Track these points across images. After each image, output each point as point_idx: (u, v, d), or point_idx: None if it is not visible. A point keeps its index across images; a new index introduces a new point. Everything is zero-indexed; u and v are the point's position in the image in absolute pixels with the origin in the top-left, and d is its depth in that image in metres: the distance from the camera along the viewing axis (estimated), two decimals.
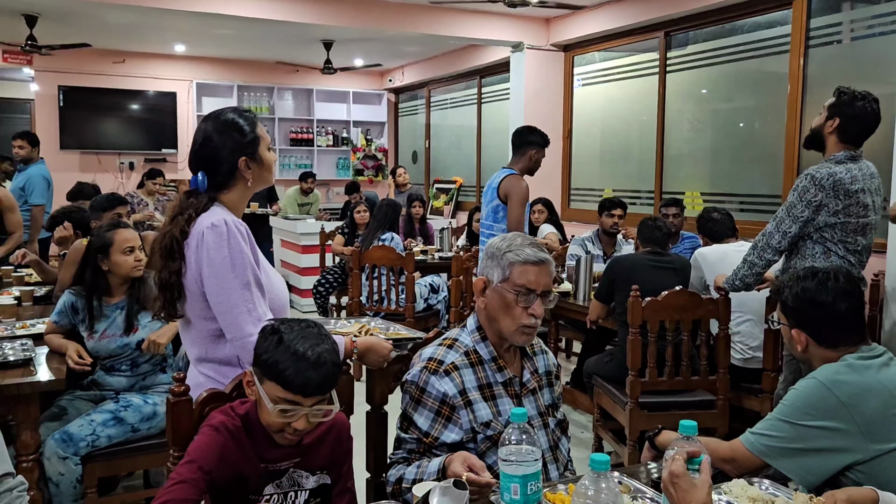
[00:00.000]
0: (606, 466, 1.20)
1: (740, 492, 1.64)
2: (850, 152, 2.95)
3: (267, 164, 1.92)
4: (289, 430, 1.56)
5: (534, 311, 1.80)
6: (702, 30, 5.56)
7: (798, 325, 1.91)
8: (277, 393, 1.54)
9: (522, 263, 1.79)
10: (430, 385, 1.80)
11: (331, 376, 1.57)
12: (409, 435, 1.81)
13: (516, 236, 1.86)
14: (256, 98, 9.49)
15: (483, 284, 1.86)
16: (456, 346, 1.88)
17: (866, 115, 2.92)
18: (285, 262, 8.30)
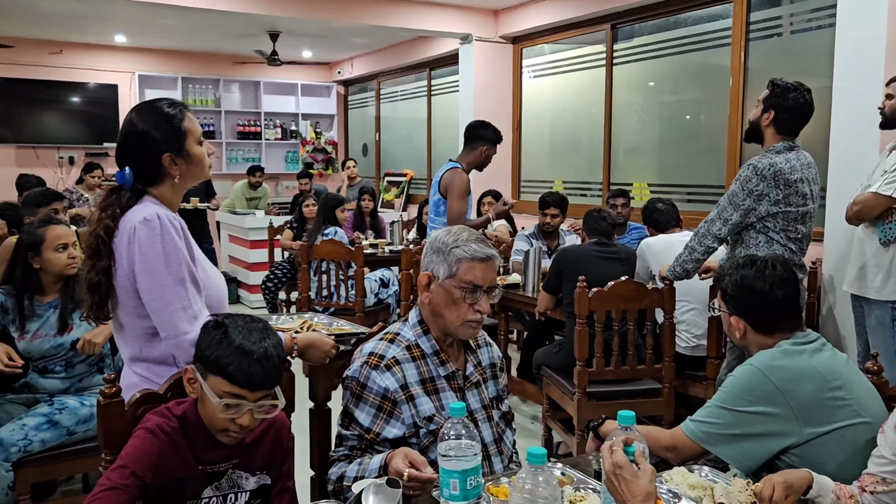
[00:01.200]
0: (543, 460, 1.20)
1: (681, 479, 1.66)
2: (788, 143, 3.03)
3: (196, 159, 1.85)
4: (233, 426, 1.52)
5: (480, 307, 1.79)
6: (647, 22, 5.62)
7: (737, 312, 1.94)
8: (222, 387, 1.50)
9: (470, 260, 1.78)
10: (370, 380, 1.78)
11: (276, 371, 1.55)
12: (350, 431, 1.79)
13: (462, 230, 1.84)
14: (202, 90, 9.29)
15: (428, 280, 1.84)
16: (397, 340, 1.86)
17: (800, 107, 3.00)
18: (233, 257, 8.16)
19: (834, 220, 3.83)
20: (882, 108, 3.24)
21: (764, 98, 3.06)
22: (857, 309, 3.36)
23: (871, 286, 3.19)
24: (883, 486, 1.62)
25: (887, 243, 3.11)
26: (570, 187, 6.44)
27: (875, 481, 1.63)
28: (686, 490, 1.62)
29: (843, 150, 3.80)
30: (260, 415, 1.55)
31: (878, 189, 3.06)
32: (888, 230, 3.10)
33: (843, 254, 3.75)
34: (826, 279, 3.91)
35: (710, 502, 1.57)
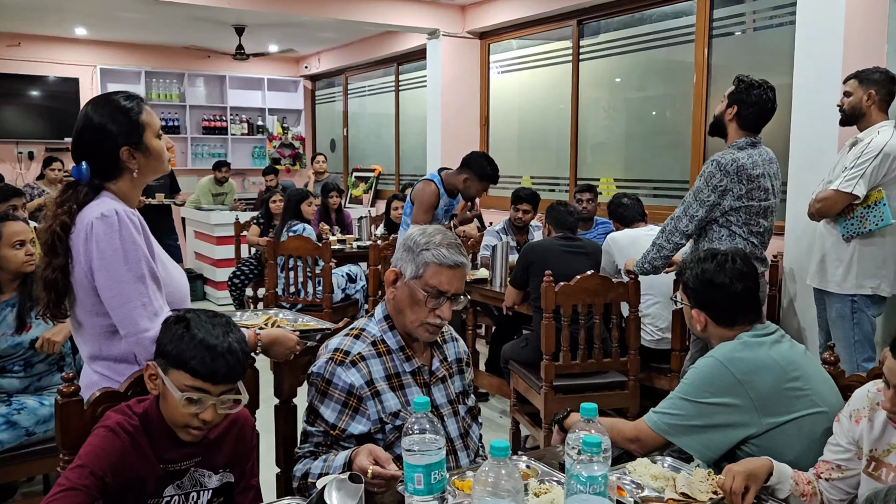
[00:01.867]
0: (506, 453, 1.20)
1: (643, 470, 1.68)
2: (750, 139, 3.08)
3: (155, 153, 1.82)
4: (195, 422, 1.51)
5: (441, 312, 1.79)
6: (613, 19, 5.66)
7: (698, 305, 1.97)
8: (185, 381, 1.49)
9: (438, 265, 1.77)
10: (336, 376, 1.77)
11: (240, 365, 1.54)
12: (315, 428, 1.78)
13: (436, 232, 1.83)
14: (166, 85, 9.14)
15: (394, 276, 1.83)
16: (363, 336, 1.86)
17: (763, 103, 3.05)
18: (199, 253, 8.06)
19: (795, 214, 3.90)
20: (841, 106, 3.30)
21: (729, 93, 3.11)
22: (819, 302, 3.43)
23: (831, 280, 3.25)
24: (838, 472, 1.66)
25: (848, 238, 3.17)
26: (538, 182, 6.46)
27: (830, 468, 1.67)
28: (649, 481, 1.64)
29: (803, 146, 3.87)
30: (223, 410, 1.53)
31: (838, 186, 3.12)
32: (849, 226, 3.17)
33: (803, 247, 3.82)
34: (787, 272, 3.99)
35: (672, 492, 1.59)
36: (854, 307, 3.19)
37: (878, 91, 3.17)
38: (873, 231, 3.12)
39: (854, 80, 3.24)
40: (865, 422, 1.62)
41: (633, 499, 1.56)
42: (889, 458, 1.56)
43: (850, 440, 1.64)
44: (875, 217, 3.10)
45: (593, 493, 1.21)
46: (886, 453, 1.57)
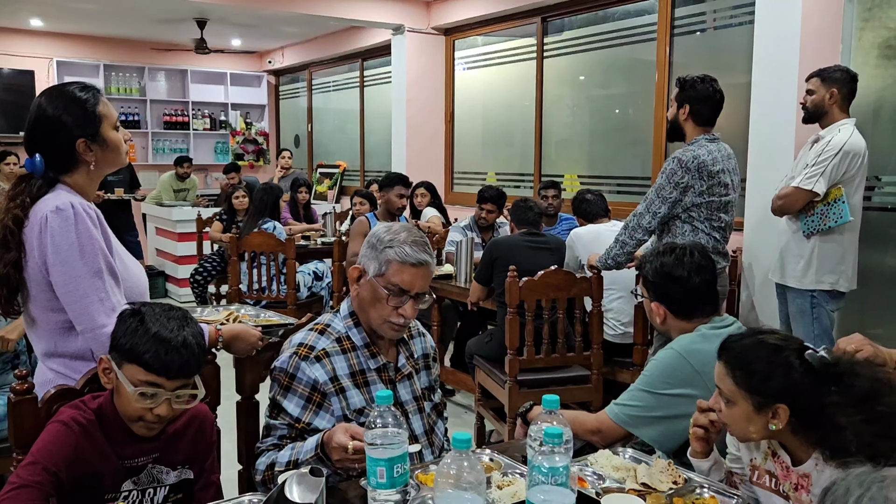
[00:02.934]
0: (469, 445, 1.20)
1: (605, 462, 1.69)
2: (709, 135, 3.14)
3: (113, 145, 1.78)
4: (149, 416, 1.48)
5: (404, 311, 1.76)
6: (577, 16, 5.70)
7: (657, 298, 2.00)
8: (138, 375, 1.46)
9: (401, 263, 1.74)
10: (300, 371, 1.75)
11: (195, 359, 1.51)
12: (279, 421, 1.76)
13: (402, 229, 1.80)
14: (125, 79, 8.96)
15: (358, 273, 1.81)
16: (328, 332, 1.84)
17: (711, 95, 3.13)
18: (161, 250, 7.94)
19: (753, 210, 3.98)
20: (804, 104, 3.34)
21: (675, 96, 3.18)
22: (781, 296, 3.50)
23: (792, 275, 3.31)
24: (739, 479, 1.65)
25: (809, 235, 3.23)
26: (503, 179, 6.49)
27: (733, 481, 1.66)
28: (610, 472, 1.66)
29: (762, 143, 3.94)
30: (179, 405, 1.51)
31: (799, 184, 3.17)
32: (810, 222, 3.22)
33: (762, 243, 3.90)
34: (746, 267, 4.06)
35: (633, 483, 1.61)
36: (814, 302, 3.26)
37: (840, 89, 3.23)
38: (833, 228, 3.18)
39: (817, 78, 3.29)
40: None
41: (595, 490, 1.58)
42: (766, 464, 1.58)
43: (737, 448, 1.67)
44: (834, 214, 3.16)
45: (555, 483, 1.22)
46: (764, 460, 1.59)
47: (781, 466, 1.54)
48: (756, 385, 1.46)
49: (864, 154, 3.19)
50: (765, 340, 1.50)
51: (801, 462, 1.49)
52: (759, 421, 1.47)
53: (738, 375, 1.48)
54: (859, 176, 3.21)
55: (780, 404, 1.44)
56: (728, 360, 1.52)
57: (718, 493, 1.58)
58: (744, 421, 1.49)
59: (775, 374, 1.45)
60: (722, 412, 1.54)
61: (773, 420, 1.46)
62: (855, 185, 3.21)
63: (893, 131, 3.67)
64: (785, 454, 1.53)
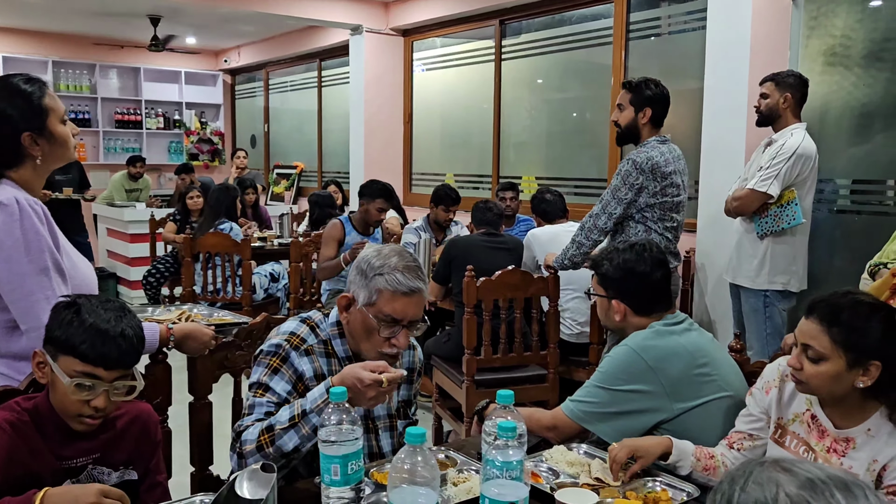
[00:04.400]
0: (422, 439, 1.20)
1: (560, 457, 1.71)
2: (661, 137, 3.19)
3: (60, 139, 1.73)
4: (87, 410, 1.44)
5: (397, 342, 1.67)
6: (534, 19, 5.75)
7: (618, 295, 2.02)
8: (74, 367, 1.42)
9: (392, 292, 1.64)
10: (291, 357, 1.70)
11: (133, 350, 1.48)
12: (265, 399, 1.66)
13: (392, 254, 1.69)
14: (75, 76, 8.74)
15: (346, 302, 1.72)
16: (317, 331, 1.78)
17: (666, 97, 3.20)
18: (112, 252, 7.76)
19: (706, 211, 4.06)
20: (758, 107, 3.41)
21: (630, 100, 3.17)
22: (734, 296, 3.56)
23: (745, 275, 3.38)
24: (749, 441, 1.74)
25: (762, 236, 3.31)
26: (461, 180, 6.50)
27: (742, 437, 1.75)
28: (564, 467, 1.68)
29: (714, 146, 4.02)
30: (117, 397, 1.47)
31: (754, 186, 3.24)
32: (764, 224, 3.30)
33: (714, 243, 3.98)
34: (699, 267, 4.14)
35: (586, 478, 1.63)
36: (766, 301, 3.34)
37: (793, 94, 3.31)
38: (785, 229, 3.26)
39: (771, 82, 3.36)
40: (775, 391, 1.70)
41: (549, 485, 1.59)
42: (793, 426, 1.65)
43: (762, 409, 1.73)
44: (788, 216, 3.24)
45: (509, 478, 1.22)
46: (791, 422, 1.65)
47: (818, 429, 1.59)
48: (855, 341, 1.49)
49: (815, 158, 3.28)
50: (861, 299, 1.54)
51: (843, 427, 1.54)
52: (847, 378, 1.51)
53: (836, 332, 1.50)
54: (810, 179, 3.30)
55: (874, 361, 1.48)
56: (823, 317, 1.53)
57: (670, 486, 1.61)
58: (831, 378, 1.52)
59: (874, 331, 1.48)
60: (803, 370, 1.55)
61: (862, 377, 1.50)
62: (806, 188, 3.30)
63: (839, 136, 3.78)
64: (826, 418, 1.58)
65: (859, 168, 3.72)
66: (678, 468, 1.68)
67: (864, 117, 3.72)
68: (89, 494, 1.30)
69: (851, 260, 3.49)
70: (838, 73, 3.84)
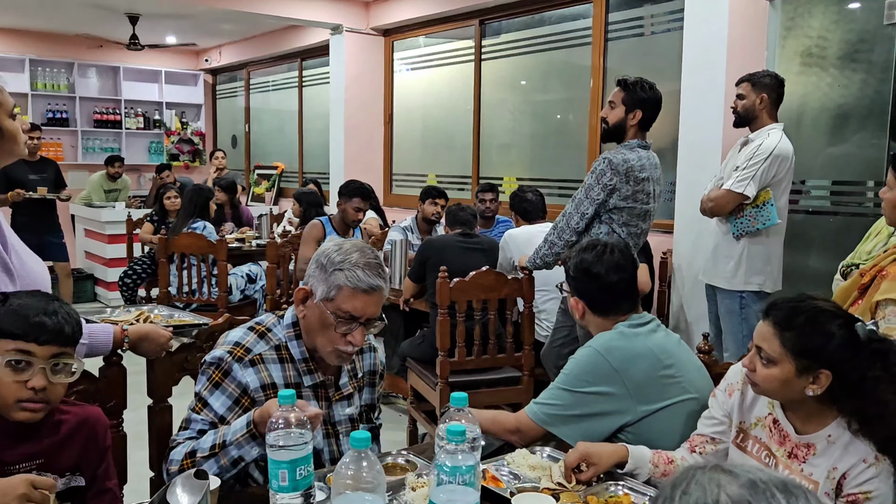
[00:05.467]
0: (367, 444, 1.16)
1: (522, 461, 1.68)
2: (642, 140, 3.12)
3: (10, 135, 1.68)
4: (25, 393, 1.39)
5: (353, 338, 1.64)
6: (514, 19, 5.73)
7: (576, 293, 2.00)
8: (6, 346, 1.39)
9: (352, 289, 1.61)
10: (234, 371, 1.66)
11: (69, 326, 1.45)
12: (202, 416, 1.65)
13: (353, 249, 1.66)
14: (53, 74, 8.62)
15: (304, 295, 1.68)
16: (268, 336, 1.73)
17: (658, 101, 3.10)
18: (90, 252, 7.67)
19: (683, 212, 4.05)
20: (735, 108, 3.38)
21: (623, 98, 3.08)
22: (710, 297, 3.54)
23: (721, 276, 3.36)
24: (711, 445, 1.71)
25: (738, 237, 3.29)
26: (443, 181, 6.47)
27: (704, 440, 1.72)
28: (526, 471, 1.64)
29: (691, 146, 4.01)
30: (57, 378, 1.43)
31: (730, 186, 3.21)
32: (740, 224, 3.28)
33: (691, 244, 3.97)
34: (676, 268, 4.13)
35: (547, 482, 1.60)
36: (742, 303, 3.32)
37: (770, 94, 3.29)
38: (760, 230, 3.24)
39: (747, 83, 3.33)
40: (738, 394, 1.68)
41: (510, 489, 1.56)
42: (755, 430, 1.62)
43: (725, 412, 1.70)
44: (763, 217, 3.23)
45: (460, 482, 1.19)
46: (753, 426, 1.63)
47: (779, 433, 1.57)
48: (805, 348, 1.46)
49: (791, 158, 3.26)
50: (819, 306, 1.50)
51: (804, 433, 1.52)
52: (797, 384, 1.48)
53: (788, 337, 1.48)
54: (786, 180, 3.28)
55: (824, 370, 1.45)
56: (778, 321, 1.51)
57: (632, 490, 1.58)
58: (781, 383, 1.49)
59: (826, 340, 1.45)
60: (756, 372, 1.53)
61: (812, 385, 1.47)
62: (782, 189, 3.28)
63: (815, 137, 3.78)
64: (787, 423, 1.55)
65: (837, 169, 3.72)
66: (635, 475, 1.65)
67: (840, 118, 3.72)
68: (18, 486, 1.26)
69: (828, 260, 3.48)
70: (814, 74, 3.84)
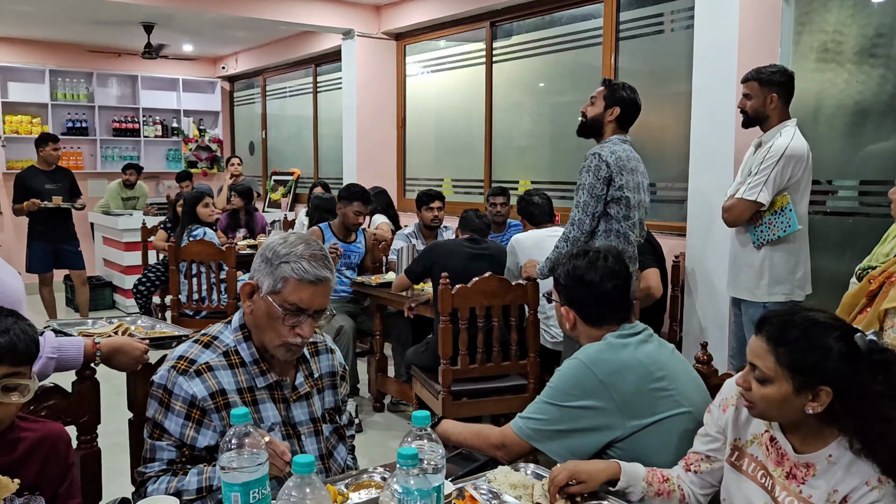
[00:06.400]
0: (311, 469, 1.10)
1: (503, 479, 1.60)
2: (622, 136, 3.12)
3: None
4: None
5: (301, 331, 1.63)
6: (525, 21, 5.65)
7: (567, 302, 1.92)
8: None
9: (298, 280, 1.60)
10: (177, 386, 1.63)
11: (22, 345, 1.40)
12: (164, 442, 1.63)
13: (299, 241, 1.65)
14: (73, 84, 8.71)
15: (250, 289, 1.67)
16: (214, 345, 1.71)
17: (637, 103, 3.13)
18: (108, 260, 7.73)
19: (695, 214, 3.94)
20: (742, 108, 3.23)
21: (604, 95, 3.13)
22: (735, 308, 3.36)
23: (744, 287, 3.19)
24: (707, 463, 1.62)
25: (759, 246, 3.11)
26: (458, 185, 6.40)
27: (699, 458, 1.63)
28: (507, 490, 1.57)
29: (703, 147, 3.90)
30: (11, 398, 1.39)
31: (742, 194, 3.06)
32: (759, 233, 3.11)
33: (705, 247, 3.85)
34: (689, 272, 4.01)
35: (528, 501, 1.52)
36: None
37: (780, 92, 3.11)
38: (782, 237, 3.07)
39: (754, 82, 3.16)
40: (732, 410, 1.58)
41: None
42: (751, 448, 1.53)
43: (719, 429, 1.61)
44: (782, 223, 3.05)
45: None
46: (749, 444, 1.53)
47: (776, 452, 1.47)
48: (801, 364, 1.37)
49: (806, 157, 3.09)
50: (814, 318, 1.40)
51: (803, 452, 1.42)
52: (795, 402, 1.39)
53: (782, 353, 1.38)
54: (805, 180, 3.11)
55: (823, 387, 1.36)
56: (771, 336, 1.41)
57: None
58: (778, 402, 1.40)
59: (823, 355, 1.36)
60: (752, 391, 1.43)
61: (812, 403, 1.37)
62: (801, 191, 3.11)
63: (835, 134, 3.65)
64: (785, 441, 1.46)
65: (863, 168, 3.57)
66: (628, 494, 1.56)
67: (858, 115, 3.59)
68: None
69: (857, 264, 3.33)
70: (831, 70, 3.72)
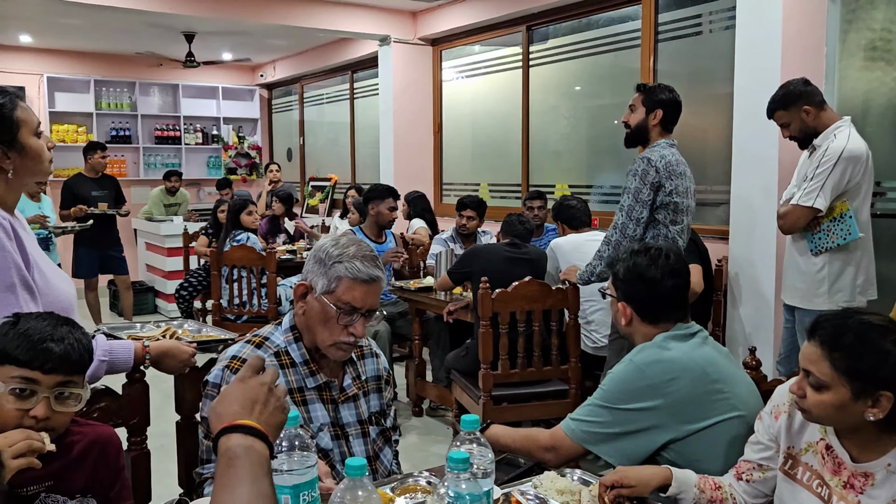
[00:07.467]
0: (362, 472, 1.10)
1: (549, 484, 1.58)
2: (669, 140, 3.07)
3: (33, 152, 1.69)
4: (27, 421, 1.36)
5: (354, 329, 1.67)
6: (561, 24, 5.62)
7: (625, 298, 1.90)
8: (10, 374, 1.36)
9: (352, 279, 1.65)
10: None
11: (76, 354, 1.41)
12: None
13: (350, 243, 1.70)
14: (116, 94, 8.91)
15: (304, 290, 1.71)
16: (265, 345, 1.74)
17: (679, 103, 3.08)
18: (150, 265, 7.88)
19: (738, 218, 3.87)
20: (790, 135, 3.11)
21: (643, 101, 3.08)
22: (788, 314, 3.25)
23: (800, 295, 3.09)
24: (759, 472, 1.59)
25: (817, 253, 3.01)
26: (495, 190, 6.39)
27: (751, 467, 1.60)
28: (553, 496, 1.55)
29: (744, 150, 3.83)
30: (61, 407, 1.40)
31: (798, 200, 2.96)
32: (817, 240, 3.00)
33: (748, 251, 3.79)
34: (732, 276, 3.94)
35: None
36: None
37: (809, 102, 3.00)
38: (842, 245, 2.95)
39: (781, 110, 3.07)
40: (785, 417, 1.54)
41: None
42: (806, 457, 1.49)
43: (771, 437, 1.58)
44: (842, 231, 2.94)
45: None
46: (804, 452, 1.50)
47: (833, 461, 1.43)
48: (859, 369, 1.32)
49: (866, 158, 2.96)
50: (869, 321, 1.36)
51: (861, 460, 1.38)
52: (854, 409, 1.34)
53: (837, 358, 1.34)
54: (866, 183, 2.97)
55: (885, 392, 1.31)
56: (825, 341, 1.36)
57: None
58: (836, 408, 1.35)
59: (881, 359, 1.31)
60: (807, 398, 1.39)
61: (872, 409, 1.33)
62: (862, 195, 2.97)
63: (884, 134, 3.56)
64: (842, 449, 1.41)
65: None
66: (679, 501, 1.54)
67: None
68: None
69: None
70: (879, 69, 3.63)
